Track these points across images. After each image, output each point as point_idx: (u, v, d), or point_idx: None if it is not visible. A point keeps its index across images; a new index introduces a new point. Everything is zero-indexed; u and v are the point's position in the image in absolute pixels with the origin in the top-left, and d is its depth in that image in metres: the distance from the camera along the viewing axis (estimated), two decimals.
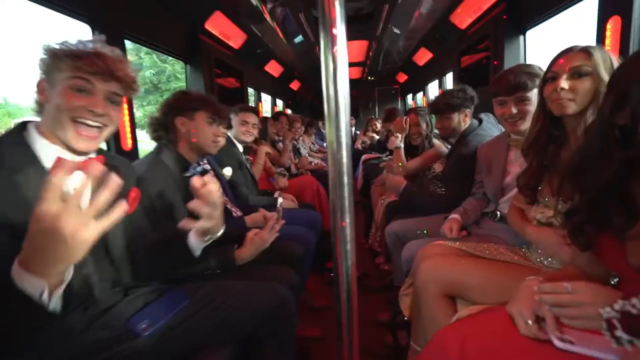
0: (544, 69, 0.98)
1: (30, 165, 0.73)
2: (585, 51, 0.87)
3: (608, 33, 1.55)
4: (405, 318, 1.25)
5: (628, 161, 0.59)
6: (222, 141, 1.41)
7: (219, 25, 2.88)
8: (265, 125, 3.11)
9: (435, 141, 2.23)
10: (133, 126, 1.93)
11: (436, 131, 2.14)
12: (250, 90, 4.45)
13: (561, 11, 2.08)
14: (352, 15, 3.27)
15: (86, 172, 0.50)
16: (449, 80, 4.23)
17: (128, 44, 2.07)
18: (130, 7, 1.94)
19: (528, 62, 2.47)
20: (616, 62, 0.86)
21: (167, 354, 0.86)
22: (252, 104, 4.44)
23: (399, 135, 2.24)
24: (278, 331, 0.98)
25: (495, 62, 2.56)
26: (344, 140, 0.55)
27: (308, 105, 8.26)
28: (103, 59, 0.76)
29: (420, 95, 5.92)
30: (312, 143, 5.35)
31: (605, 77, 0.84)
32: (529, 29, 2.38)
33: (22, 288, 0.53)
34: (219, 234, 0.91)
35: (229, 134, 2.04)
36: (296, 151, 4.12)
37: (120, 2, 1.87)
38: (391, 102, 7.47)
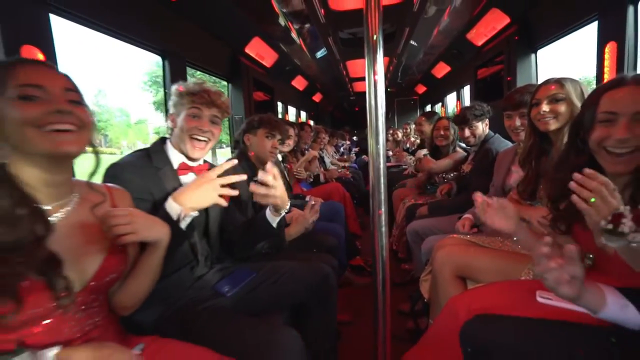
0: None
1: (165, 165, 1.10)
2: (559, 82, 1.14)
3: (607, 56, 1.76)
4: (425, 299, 1.49)
5: (579, 165, 0.84)
6: (277, 152, 1.75)
7: (256, 48, 3.25)
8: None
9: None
10: None
11: None
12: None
13: (568, 33, 2.29)
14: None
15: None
16: (466, 92, 4.43)
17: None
18: (189, 40, 2.32)
19: (540, 77, 2.68)
20: (585, 89, 1.12)
21: (241, 312, 1.14)
22: (279, 115, 4.80)
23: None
24: (322, 300, 1.25)
25: (509, 78, 2.78)
26: (382, 150, 0.84)
27: (329, 115, 8.61)
28: (208, 93, 1.08)
29: (438, 105, 6.12)
30: (335, 152, 5.63)
31: (577, 102, 1.10)
32: (540, 48, 2.59)
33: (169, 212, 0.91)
34: (287, 208, 1.17)
35: None
36: (320, 160, 4.42)
37: (183, 36, 2.25)
38: (410, 112, 7.68)
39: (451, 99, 5.27)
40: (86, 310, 0.71)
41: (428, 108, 7.03)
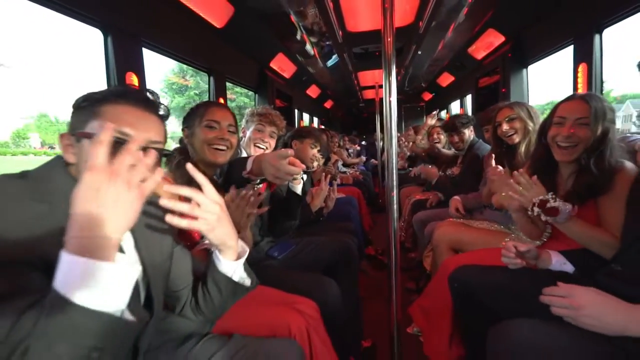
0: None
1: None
2: (510, 106, 1.58)
3: (580, 75, 2.11)
4: (427, 271, 1.86)
5: (542, 154, 1.22)
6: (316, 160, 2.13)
7: (279, 62, 3.68)
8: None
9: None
10: None
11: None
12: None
13: (555, 52, 2.64)
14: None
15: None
16: (468, 100, 4.79)
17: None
18: (228, 59, 2.76)
19: (531, 90, 3.05)
20: (530, 109, 1.54)
21: (287, 272, 1.53)
22: (296, 121, 5.22)
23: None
24: (346, 265, 1.63)
25: (504, 90, 3.14)
26: (394, 150, 1.22)
27: (339, 121, 9.03)
28: (270, 115, 1.50)
29: (444, 112, 6.47)
30: (349, 156, 6.02)
31: (526, 119, 1.52)
32: (530, 64, 2.95)
33: None
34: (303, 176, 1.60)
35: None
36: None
37: (223, 56, 2.68)
38: (417, 118, 8.03)
39: (455, 106, 5.63)
40: None
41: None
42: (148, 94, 0.69)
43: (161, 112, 0.70)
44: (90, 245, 0.48)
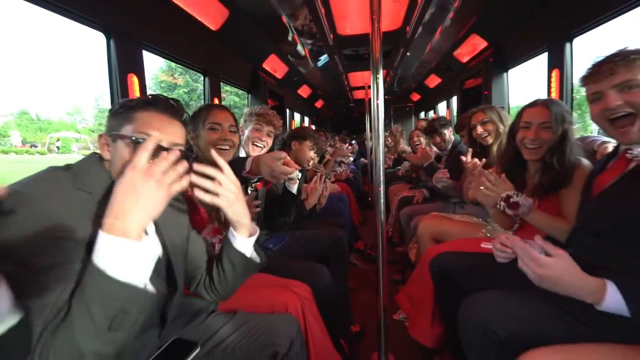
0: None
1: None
2: (483, 110, 1.72)
3: (553, 80, 2.27)
4: (412, 261, 1.99)
5: (511, 154, 1.36)
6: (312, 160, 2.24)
7: (271, 63, 3.77)
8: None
9: None
10: None
11: None
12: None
13: (532, 58, 2.82)
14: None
15: None
16: (454, 101, 4.97)
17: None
18: (223, 60, 2.84)
19: (511, 92, 3.23)
20: (501, 112, 1.69)
21: (283, 260, 1.64)
22: (287, 120, 5.31)
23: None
24: (337, 255, 1.75)
25: (486, 92, 3.31)
26: (381, 148, 1.34)
27: (329, 121, 9.16)
28: (267, 115, 1.60)
29: (431, 113, 6.67)
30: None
31: (497, 121, 1.67)
32: (510, 68, 3.13)
33: None
34: (298, 175, 1.70)
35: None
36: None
37: (218, 57, 2.77)
38: (406, 118, 8.22)
39: (442, 107, 5.82)
40: None
41: (422, 115, 7.59)
42: (172, 102, 0.81)
43: (184, 118, 0.82)
44: (123, 228, 0.59)
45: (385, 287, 1.44)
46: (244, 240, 0.88)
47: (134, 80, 1.73)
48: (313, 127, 7.42)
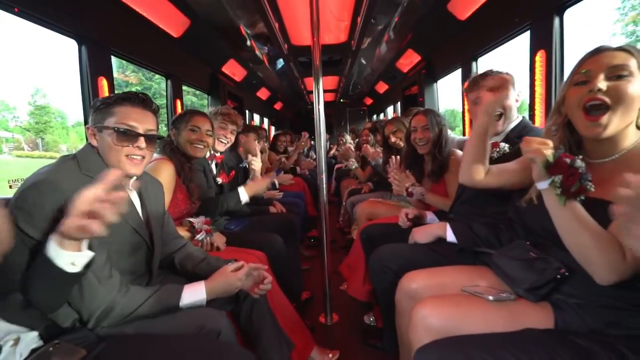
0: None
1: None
2: (425, 114, 2.12)
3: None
4: (354, 239, 2.39)
5: (410, 153, 1.80)
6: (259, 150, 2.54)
7: (230, 67, 4.02)
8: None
9: None
10: None
11: None
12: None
13: (455, 70, 3.38)
14: (325, 61, 4.50)
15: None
16: (398, 106, 5.56)
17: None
18: (184, 64, 3.04)
19: (440, 99, 3.82)
20: (406, 120, 2.15)
21: (243, 233, 1.93)
22: (247, 121, 5.54)
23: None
24: (289, 232, 2.07)
25: (421, 99, 3.87)
26: (322, 145, 1.71)
27: (288, 121, 9.47)
28: (231, 115, 1.88)
29: (382, 115, 7.28)
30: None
31: (404, 128, 2.14)
32: (439, 79, 3.71)
33: None
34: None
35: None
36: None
37: (180, 62, 2.97)
38: (360, 121, 8.80)
39: (390, 110, 6.43)
40: None
41: (374, 117, 8.21)
42: (142, 96, 1.01)
43: (153, 108, 1.02)
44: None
45: (330, 262, 1.81)
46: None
47: (103, 83, 1.92)
48: (273, 127, 7.69)
